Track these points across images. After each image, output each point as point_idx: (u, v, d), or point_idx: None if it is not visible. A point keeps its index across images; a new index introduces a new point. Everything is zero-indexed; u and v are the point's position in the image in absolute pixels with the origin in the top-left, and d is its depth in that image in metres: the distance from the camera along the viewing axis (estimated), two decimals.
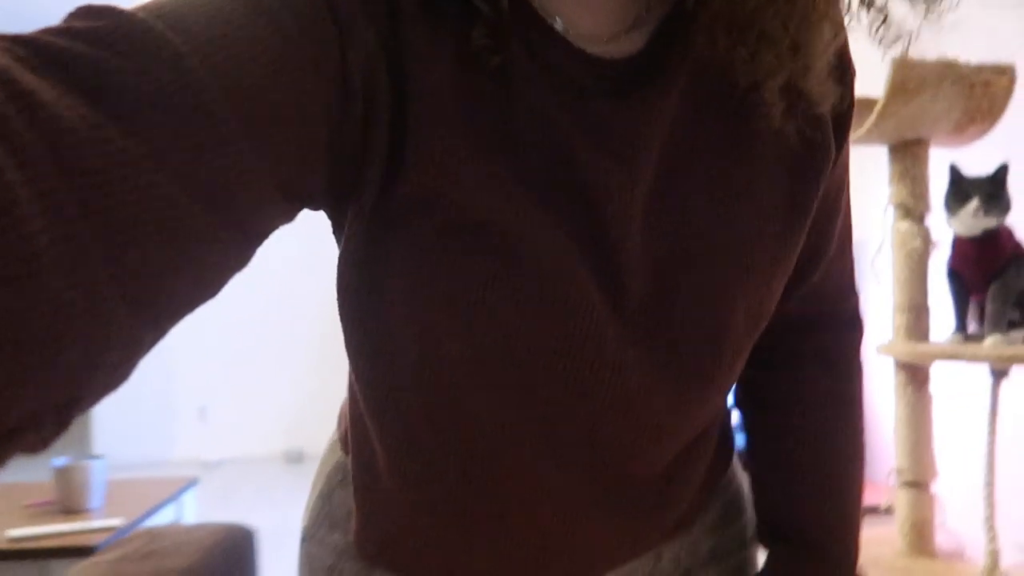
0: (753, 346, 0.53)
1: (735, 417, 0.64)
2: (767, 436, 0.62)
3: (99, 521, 1.74)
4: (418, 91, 0.42)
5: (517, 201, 0.43)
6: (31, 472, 4.92)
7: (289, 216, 0.39)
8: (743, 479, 0.65)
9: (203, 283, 0.34)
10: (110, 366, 0.31)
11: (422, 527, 0.55)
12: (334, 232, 0.48)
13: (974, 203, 1.30)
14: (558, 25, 0.45)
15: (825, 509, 0.60)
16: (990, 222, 1.32)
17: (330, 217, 0.47)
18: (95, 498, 1.86)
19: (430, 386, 0.47)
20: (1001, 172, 1.32)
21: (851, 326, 0.61)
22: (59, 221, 0.27)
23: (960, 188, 1.34)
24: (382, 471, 0.53)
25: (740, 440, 0.65)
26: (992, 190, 1.31)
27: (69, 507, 1.84)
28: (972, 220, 1.32)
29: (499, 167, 0.43)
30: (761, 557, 0.64)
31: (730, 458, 0.63)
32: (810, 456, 0.60)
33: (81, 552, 1.55)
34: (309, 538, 0.63)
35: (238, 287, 5.42)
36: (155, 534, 1.14)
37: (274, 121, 0.35)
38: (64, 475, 1.83)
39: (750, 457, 0.64)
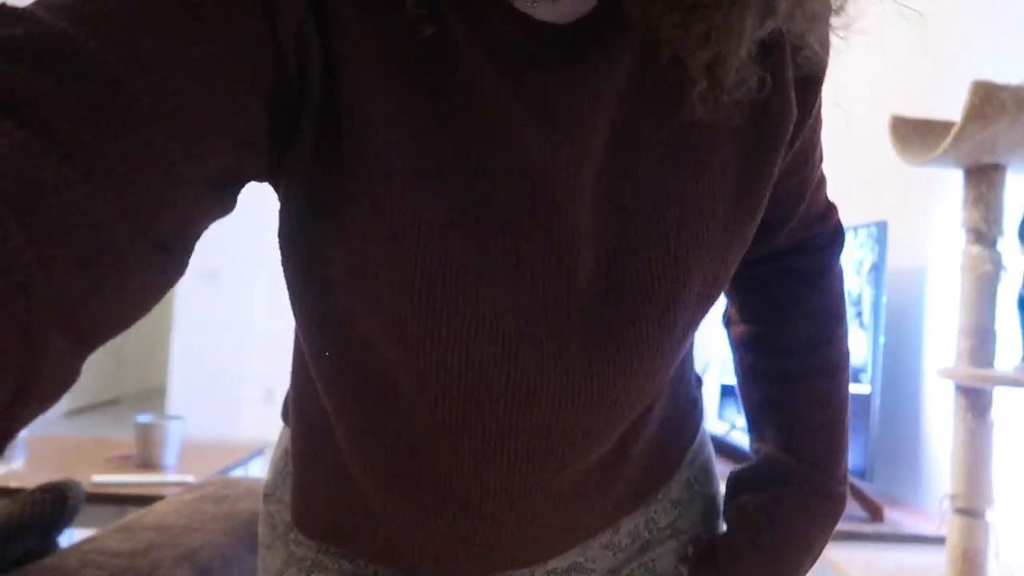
0: (741, 272, 0.56)
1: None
2: (758, 353, 0.64)
3: (173, 476, 1.86)
4: (348, 63, 0.40)
5: (455, 182, 0.42)
6: (115, 429, 5.19)
7: (224, 210, 0.38)
8: (710, 454, 0.66)
9: (137, 303, 0.33)
10: (41, 397, 0.29)
11: (360, 505, 0.53)
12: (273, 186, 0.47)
13: None
14: None
15: (816, 421, 0.62)
16: None
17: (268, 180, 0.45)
18: (170, 455, 1.99)
19: (361, 366, 0.47)
20: None
21: (832, 241, 0.64)
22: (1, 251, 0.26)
23: None
24: (326, 440, 0.53)
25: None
26: None
27: (147, 462, 1.97)
28: None
29: (435, 145, 0.42)
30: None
31: (694, 434, 0.63)
32: (800, 368, 0.62)
33: (156, 500, 1.66)
34: (269, 496, 0.61)
35: None
36: (229, 482, 1.23)
37: (208, 120, 0.34)
38: (145, 431, 1.97)
39: (743, 382, 0.65)
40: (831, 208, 0.65)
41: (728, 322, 0.68)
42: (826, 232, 0.64)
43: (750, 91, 0.45)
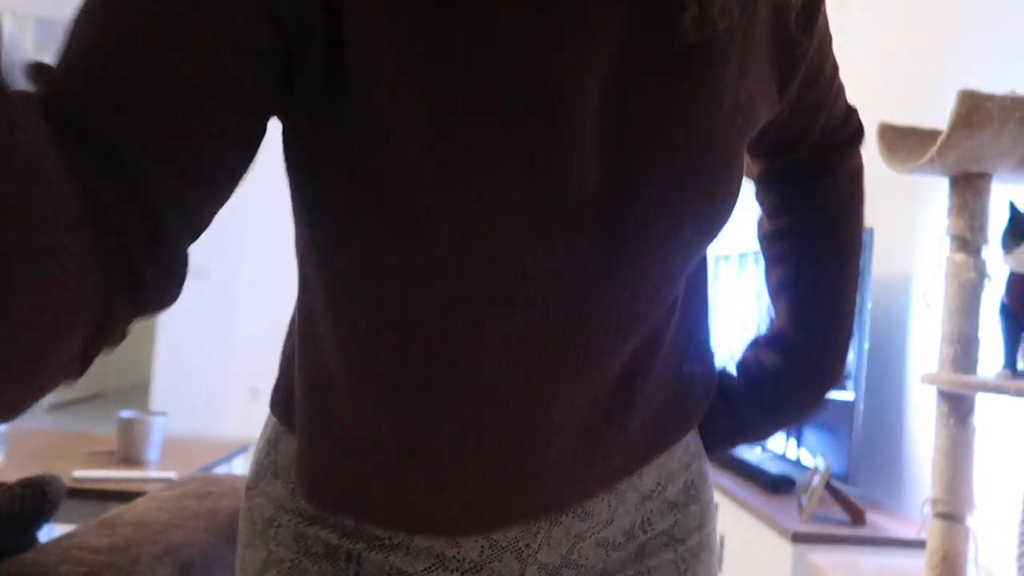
0: (766, 174, 0.61)
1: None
2: (780, 241, 0.69)
3: (156, 472, 1.85)
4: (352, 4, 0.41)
5: (462, 109, 0.43)
6: (98, 424, 5.15)
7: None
8: (706, 461, 0.67)
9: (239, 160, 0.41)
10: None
11: (370, 463, 0.53)
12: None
13: None
14: None
15: (824, 299, 0.66)
16: None
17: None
18: (153, 451, 1.98)
19: (375, 304, 0.47)
20: None
21: (852, 139, 0.68)
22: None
23: (1018, 225, 1.34)
24: (334, 399, 0.53)
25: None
26: None
27: (129, 457, 1.95)
28: None
29: (442, 77, 0.42)
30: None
31: (706, 395, 0.64)
32: (813, 249, 0.67)
33: (138, 496, 1.65)
34: (251, 490, 0.60)
35: (292, 278, 5.57)
36: (211, 479, 1.22)
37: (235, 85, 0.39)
38: (127, 426, 1.95)
39: (768, 274, 0.70)
40: (851, 112, 0.69)
41: (760, 232, 0.72)
42: (847, 133, 0.68)
43: (736, 16, 0.47)
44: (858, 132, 0.69)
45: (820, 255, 0.67)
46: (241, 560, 0.60)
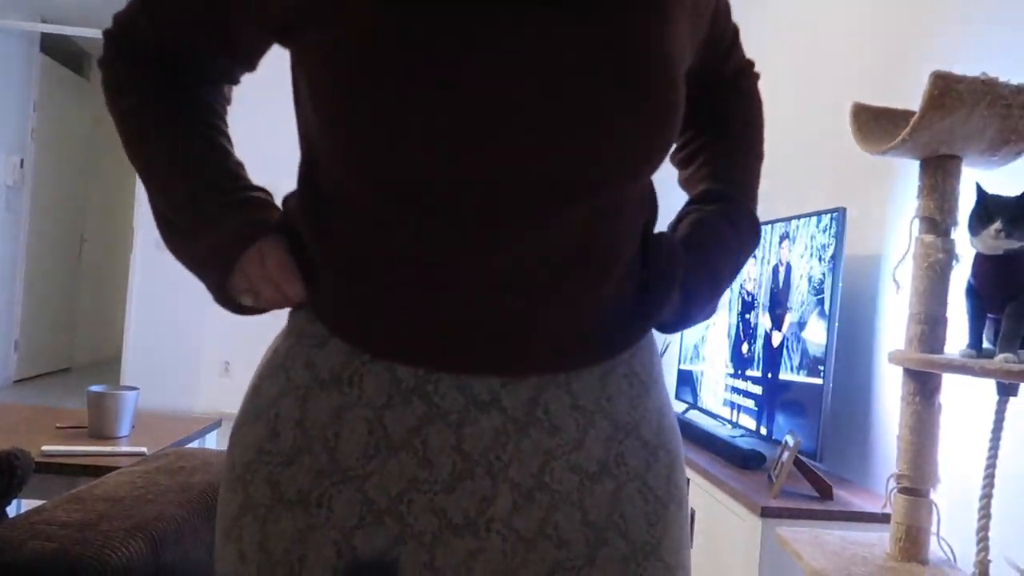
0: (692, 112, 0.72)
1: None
2: (696, 140, 0.82)
3: (127, 447, 1.83)
4: None
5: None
6: (66, 399, 5.09)
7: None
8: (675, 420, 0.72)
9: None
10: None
11: (377, 285, 0.59)
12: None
13: (996, 224, 1.33)
14: None
15: (739, 159, 0.80)
16: (1013, 244, 1.34)
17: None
18: (124, 426, 1.96)
19: (376, 127, 0.53)
20: None
21: (749, 68, 0.84)
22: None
23: (985, 208, 1.36)
24: (343, 233, 0.60)
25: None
26: (1017, 213, 1.33)
27: (99, 432, 1.93)
28: (993, 241, 1.35)
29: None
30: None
31: (650, 315, 0.69)
32: (725, 129, 0.81)
33: (109, 472, 1.64)
34: (234, 434, 0.64)
35: None
36: (184, 453, 1.21)
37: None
38: (98, 401, 1.93)
39: (685, 169, 0.83)
40: (747, 61, 0.84)
41: (677, 160, 0.85)
42: (739, 65, 0.83)
43: None
44: (750, 67, 0.84)
45: (735, 132, 0.81)
46: (221, 505, 0.63)
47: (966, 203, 1.44)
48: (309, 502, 0.58)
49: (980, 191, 1.39)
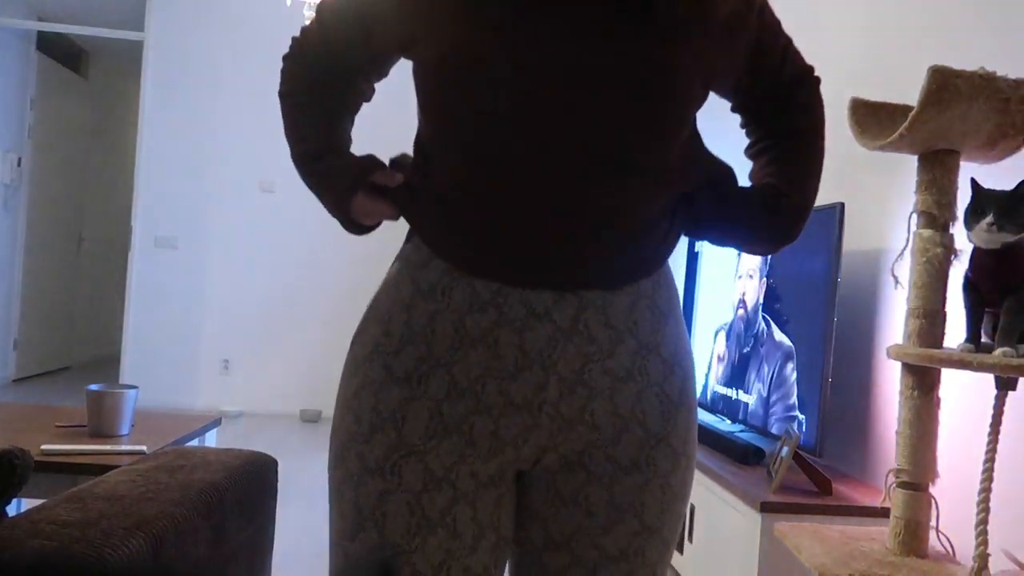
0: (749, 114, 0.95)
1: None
2: (772, 144, 0.94)
3: (127, 446, 1.83)
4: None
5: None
6: (66, 398, 5.08)
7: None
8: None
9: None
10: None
11: (468, 223, 0.79)
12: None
13: (988, 218, 1.33)
14: None
15: (797, 158, 0.93)
16: (1006, 237, 1.34)
17: None
18: (123, 424, 1.96)
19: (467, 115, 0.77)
20: (1020, 188, 1.34)
21: (808, 76, 0.94)
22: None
23: (978, 202, 1.36)
24: (441, 182, 0.81)
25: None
26: (1009, 205, 1.33)
27: (99, 431, 1.93)
28: (986, 235, 1.35)
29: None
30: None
31: (664, 256, 0.86)
32: (788, 134, 0.94)
33: (108, 470, 1.63)
34: (356, 337, 0.85)
35: (267, 254, 5.50)
36: (183, 452, 1.21)
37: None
38: (97, 399, 1.93)
39: (760, 164, 0.96)
40: (806, 67, 0.95)
41: (749, 155, 0.99)
42: (799, 72, 0.94)
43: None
44: (810, 74, 0.94)
45: (797, 134, 0.93)
46: (342, 388, 0.83)
47: (964, 198, 1.44)
48: (412, 380, 0.77)
49: (974, 185, 1.39)
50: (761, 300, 2.55)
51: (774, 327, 2.45)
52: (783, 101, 0.93)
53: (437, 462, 0.76)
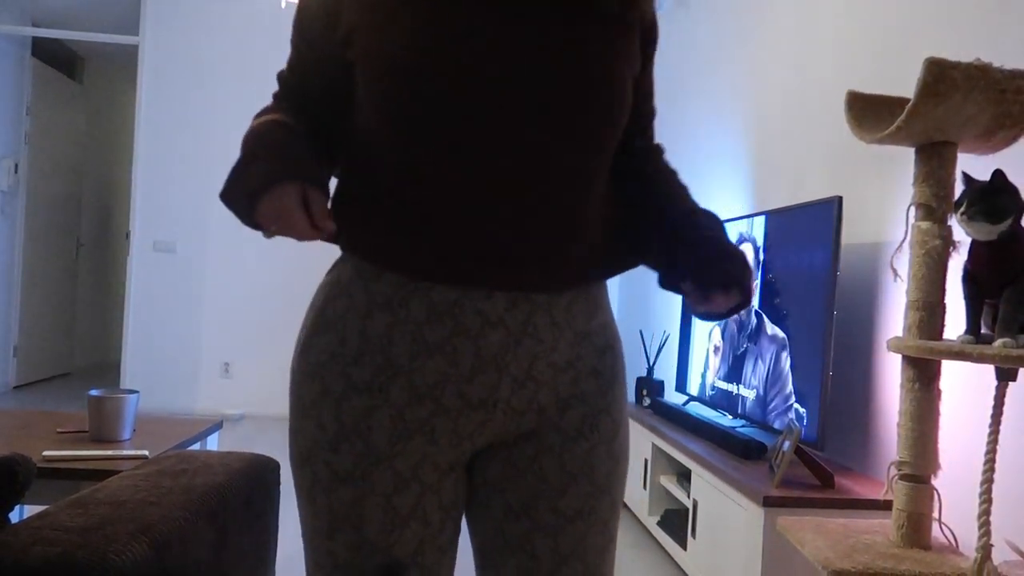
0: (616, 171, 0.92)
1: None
2: (646, 192, 0.95)
3: (129, 450, 1.83)
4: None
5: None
6: (67, 403, 5.06)
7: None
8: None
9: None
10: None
11: (417, 233, 0.80)
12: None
13: (962, 208, 1.34)
14: None
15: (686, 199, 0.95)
16: (982, 227, 1.35)
17: None
18: (126, 430, 1.95)
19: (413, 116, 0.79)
20: (995, 179, 1.34)
21: (657, 149, 1.01)
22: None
23: (962, 194, 1.38)
24: (385, 181, 0.82)
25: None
26: (977, 197, 1.33)
27: (101, 436, 1.93)
28: (965, 226, 1.36)
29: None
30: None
31: (626, 260, 0.92)
32: (671, 187, 0.96)
33: (110, 475, 1.63)
34: (304, 343, 0.85)
35: (265, 256, 5.48)
36: (186, 456, 1.21)
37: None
38: (98, 404, 1.93)
39: (642, 210, 0.95)
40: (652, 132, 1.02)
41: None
42: (651, 140, 1.01)
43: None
44: (658, 147, 1.01)
45: (670, 183, 0.97)
46: (298, 393, 0.85)
47: (960, 190, 1.44)
48: (372, 389, 0.81)
49: (966, 178, 1.40)
50: (760, 293, 2.55)
51: (766, 321, 2.45)
52: (643, 157, 0.98)
53: (404, 463, 0.82)
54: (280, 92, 0.92)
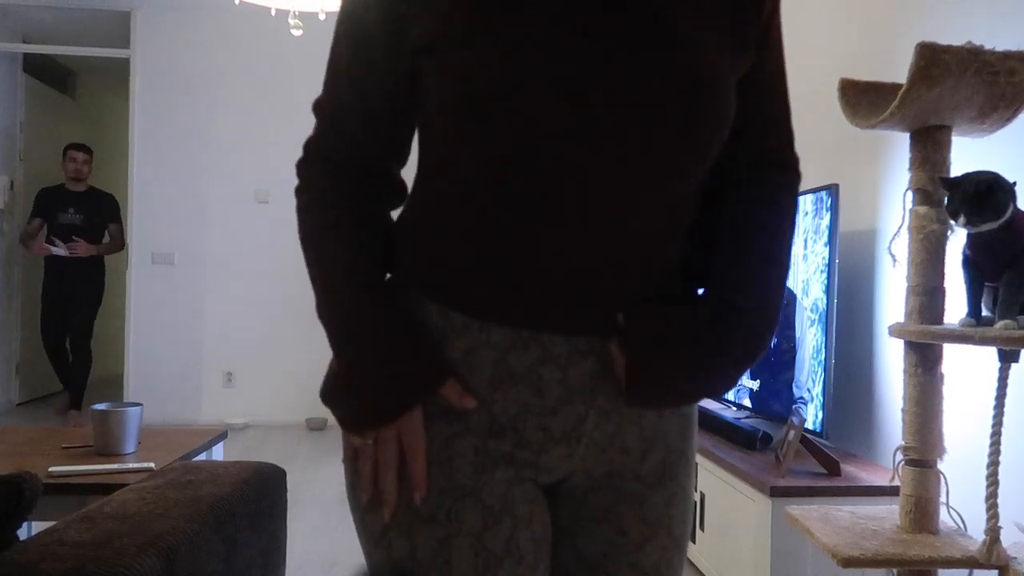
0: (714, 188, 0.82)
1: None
2: (728, 232, 0.83)
3: (134, 463, 1.83)
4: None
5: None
6: (68, 420, 5.03)
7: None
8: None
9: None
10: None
11: (512, 282, 0.74)
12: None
13: (961, 219, 1.34)
14: None
15: (755, 279, 0.81)
16: (985, 226, 1.35)
17: None
18: (130, 442, 1.96)
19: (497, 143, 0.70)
20: (988, 186, 1.33)
21: (786, 168, 0.90)
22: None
23: (951, 203, 1.37)
24: (471, 222, 0.74)
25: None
26: (976, 202, 1.33)
27: (105, 450, 1.93)
28: (970, 228, 1.36)
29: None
30: None
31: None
32: (761, 243, 0.82)
33: (117, 489, 1.63)
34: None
35: (264, 264, 5.48)
36: (191, 467, 1.21)
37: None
38: (102, 419, 1.93)
39: (710, 251, 0.84)
40: (794, 157, 0.91)
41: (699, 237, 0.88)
42: (784, 157, 0.90)
43: None
44: (794, 168, 0.89)
45: (770, 245, 0.83)
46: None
47: (958, 172, 1.44)
48: (450, 414, 0.75)
49: (946, 183, 1.40)
50: None
51: None
52: (754, 185, 0.85)
53: (492, 496, 0.74)
54: (323, 130, 0.80)
